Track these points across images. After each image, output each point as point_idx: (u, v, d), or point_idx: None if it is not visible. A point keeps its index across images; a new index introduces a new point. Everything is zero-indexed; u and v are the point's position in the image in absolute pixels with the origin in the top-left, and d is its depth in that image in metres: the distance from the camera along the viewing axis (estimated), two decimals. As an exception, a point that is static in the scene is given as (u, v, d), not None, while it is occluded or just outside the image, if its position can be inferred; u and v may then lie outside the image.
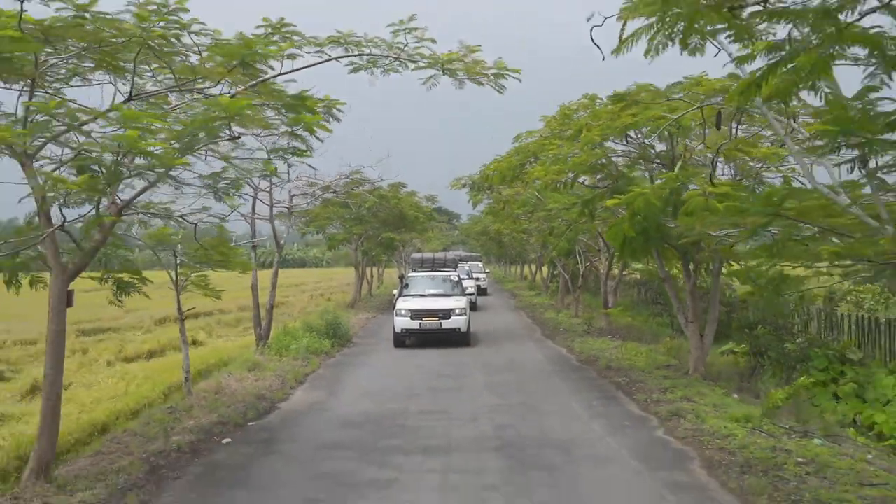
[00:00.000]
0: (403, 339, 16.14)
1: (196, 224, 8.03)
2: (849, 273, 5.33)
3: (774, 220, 5.14)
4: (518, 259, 49.80)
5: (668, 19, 3.20)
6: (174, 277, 10.12)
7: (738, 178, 10.45)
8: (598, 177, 12.39)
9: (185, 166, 5.91)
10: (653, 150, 11.13)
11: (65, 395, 13.02)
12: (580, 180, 12.45)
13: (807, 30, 2.96)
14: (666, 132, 9.27)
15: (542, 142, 12.03)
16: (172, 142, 5.57)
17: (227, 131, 5.86)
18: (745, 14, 3.02)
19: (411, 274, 19.45)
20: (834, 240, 5.59)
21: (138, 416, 10.48)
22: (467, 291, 18.81)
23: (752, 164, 10.46)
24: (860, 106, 3.61)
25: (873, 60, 3.25)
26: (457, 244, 64.54)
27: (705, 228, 6.94)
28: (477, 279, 31.66)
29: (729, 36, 3.49)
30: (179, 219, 8.68)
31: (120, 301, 8.41)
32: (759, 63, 3.46)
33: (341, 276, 65.64)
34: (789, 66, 2.99)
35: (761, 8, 2.91)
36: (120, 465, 7.06)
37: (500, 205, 21.05)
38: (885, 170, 5.15)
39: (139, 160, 6.19)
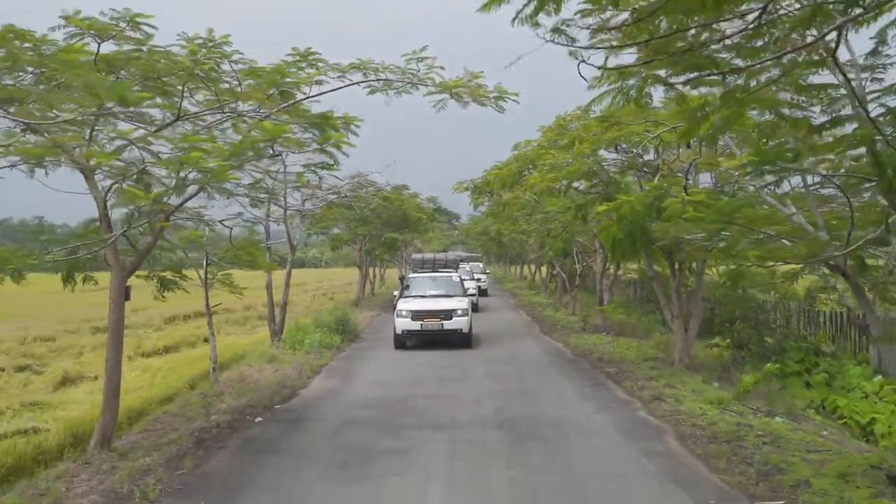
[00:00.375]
0: (404, 341, 16.27)
1: (231, 228, 9.21)
2: (787, 270, 6.50)
3: (727, 226, 6.32)
4: (518, 259, 50.94)
5: (623, 88, 4.34)
6: (203, 276, 11.30)
7: (718, 185, 11.61)
8: (594, 181, 13.58)
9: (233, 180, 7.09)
10: (641, 159, 12.30)
11: (95, 386, 14.29)
12: (575, 185, 13.66)
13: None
14: (650, 144, 10.47)
15: (539, 150, 13.20)
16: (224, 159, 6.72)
17: (271, 150, 7.04)
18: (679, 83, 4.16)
19: (412, 275, 19.43)
20: (785, 242, 6.78)
21: (169, 402, 11.66)
22: (469, 292, 18.76)
23: (731, 171, 11.64)
24: (774, 144, 4.78)
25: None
26: (456, 244, 65.39)
27: (678, 233, 8.10)
28: (478, 280, 31.81)
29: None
30: (211, 222, 9.89)
31: (163, 296, 9.58)
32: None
33: (340, 275, 66.76)
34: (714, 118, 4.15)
35: (689, 78, 4.06)
36: (169, 438, 8.24)
37: (500, 207, 22.23)
38: (815, 187, 6.35)
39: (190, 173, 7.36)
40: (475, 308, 21.93)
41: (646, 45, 3.05)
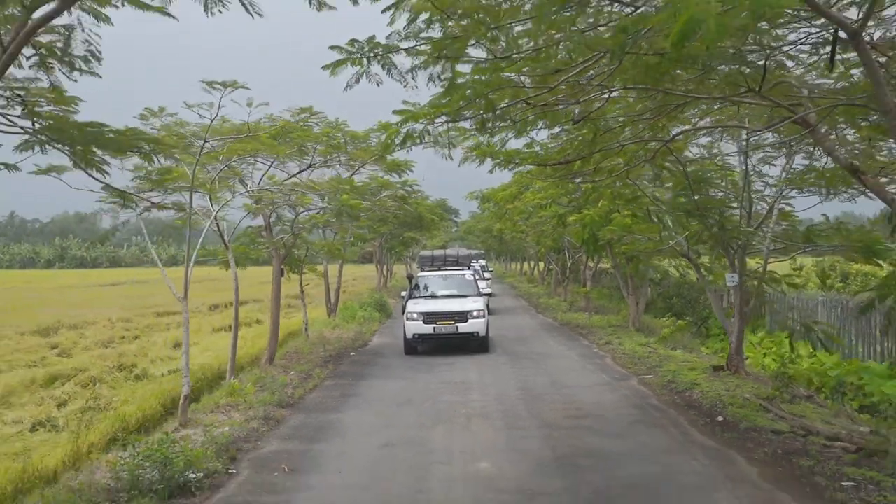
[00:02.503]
0: (415, 346, 15.94)
1: (336, 233, 15.68)
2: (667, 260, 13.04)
3: (627, 233, 12.85)
4: (517, 255, 57.43)
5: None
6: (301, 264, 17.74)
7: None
8: (575, 194, 20.07)
9: (361, 209, 13.59)
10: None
11: (198, 349, 20.68)
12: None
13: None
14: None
15: (533, 175, 19.63)
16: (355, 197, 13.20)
17: (383, 191, 13.54)
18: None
19: (421, 273, 19.22)
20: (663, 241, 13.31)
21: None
22: (483, 291, 18.47)
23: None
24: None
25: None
26: (455, 240, 70.96)
27: (611, 235, 14.57)
28: (487, 280, 32.34)
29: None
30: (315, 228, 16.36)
31: (289, 277, 16.04)
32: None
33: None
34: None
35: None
36: (306, 360, 14.71)
37: (503, 210, 28.70)
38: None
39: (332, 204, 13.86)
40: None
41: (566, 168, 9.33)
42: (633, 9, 5.01)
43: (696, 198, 9.70)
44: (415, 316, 15.81)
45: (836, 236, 10.61)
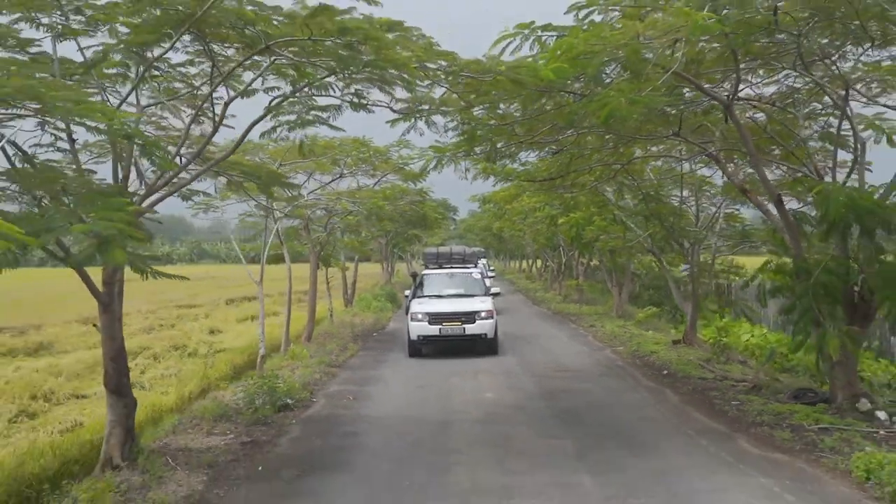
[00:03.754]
0: (420, 348, 15.73)
1: (363, 233, 19.14)
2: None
3: (605, 233, 16.39)
4: (516, 253, 60.93)
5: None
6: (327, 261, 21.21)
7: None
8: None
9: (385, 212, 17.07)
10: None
11: (231, 335, 24.12)
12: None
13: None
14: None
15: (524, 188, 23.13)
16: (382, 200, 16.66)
17: (404, 197, 17.03)
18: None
19: (426, 272, 19.08)
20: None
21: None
22: (492, 290, 18.20)
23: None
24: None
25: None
26: (453, 238, 73.91)
27: (593, 234, 18.06)
28: (490, 278, 32.08)
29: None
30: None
31: (322, 268, 19.49)
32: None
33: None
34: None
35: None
36: (338, 338, 18.16)
37: (502, 210, 32.19)
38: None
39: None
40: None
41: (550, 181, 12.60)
42: (579, 95, 8.47)
43: (651, 205, 13.24)
44: (419, 316, 15.61)
45: (765, 236, 14.17)
